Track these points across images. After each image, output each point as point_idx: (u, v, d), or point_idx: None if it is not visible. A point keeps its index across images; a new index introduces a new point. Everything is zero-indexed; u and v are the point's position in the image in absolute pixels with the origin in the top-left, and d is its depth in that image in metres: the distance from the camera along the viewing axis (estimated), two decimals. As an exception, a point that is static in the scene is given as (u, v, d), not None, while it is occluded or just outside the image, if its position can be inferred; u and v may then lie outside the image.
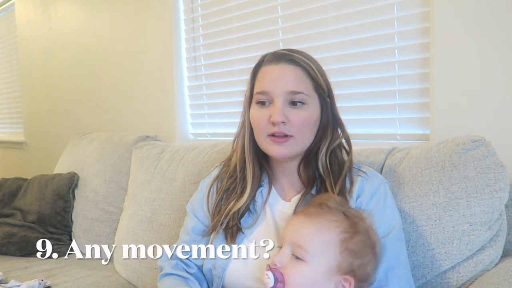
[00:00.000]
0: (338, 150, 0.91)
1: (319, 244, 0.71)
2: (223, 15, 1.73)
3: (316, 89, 0.87)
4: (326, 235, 0.71)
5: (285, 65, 0.86)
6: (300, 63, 0.86)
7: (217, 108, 1.81)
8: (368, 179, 0.88)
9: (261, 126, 0.86)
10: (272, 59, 0.87)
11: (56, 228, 1.77)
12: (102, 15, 2.30)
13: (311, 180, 0.89)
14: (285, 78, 0.84)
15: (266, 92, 0.85)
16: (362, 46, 1.32)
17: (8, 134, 3.54)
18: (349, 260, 0.70)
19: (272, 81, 0.85)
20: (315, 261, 0.70)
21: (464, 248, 0.88)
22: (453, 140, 0.95)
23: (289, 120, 0.84)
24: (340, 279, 0.70)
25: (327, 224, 0.72)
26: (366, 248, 0.72)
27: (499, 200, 0.88)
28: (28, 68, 3.04)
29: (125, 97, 2.18)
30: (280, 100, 0.84)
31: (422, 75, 1.20)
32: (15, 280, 1.37)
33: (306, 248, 0.70)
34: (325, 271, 0.70)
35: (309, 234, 0.72)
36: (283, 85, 0.84)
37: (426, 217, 0.92)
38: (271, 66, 0.87)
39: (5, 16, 3.41)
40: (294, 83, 0.84)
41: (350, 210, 0.76)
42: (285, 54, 0.87)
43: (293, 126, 0.84)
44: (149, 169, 1.54)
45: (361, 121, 1.35)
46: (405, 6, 1.22)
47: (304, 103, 0.85)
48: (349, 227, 0.72)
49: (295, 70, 0.85)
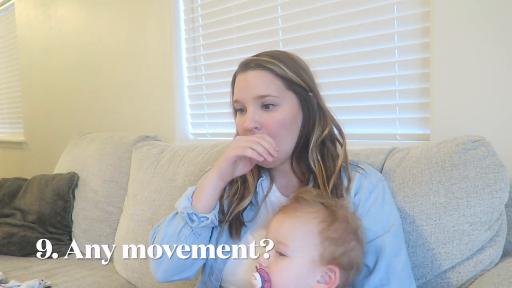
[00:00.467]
0: (329, 143, 0.90)
1: (299, 237, 0.71)
2: (223, 15, 1.73)
3: (290, 88, 0.86)
4: (305, 227, 0.71)
5: (251, 71, 0.87)
6: (267, 66, 0.86)
7: (217, 108, 1.81)
8: (367, 176, 0.88)
9: (241, 132, 0.89)
10: (242, 67, 0.89)
11: (56, 228, 1.77)
12: (102, 15, 2.30)
13: (307, 176, 0.89)
14: (253, 84, 0.86)
15: (237, 100, 0.89)
16: (362, 46, 1.32)
17: (8, 134, 3.54)
18: (330, 249, 0.70)
19: (241, 89, 0.88)
20: (297, 255, 0.70)
21: (464, 248, 0.88)
22: (453, 140, 0.95)
23: (262, 125, 0.85)
24: (325, 270, 0.70)
25: (304, 216, 0.73)
26: (347, 235, 0.72)
27: (499, 200, 0.88)
28: (28, 68, 3.04)
29: (125, 97, 2.18)
30: (251, 107, 0.86)
31: (422, 75, 1.20)
32: (15, 280, 1.37)
33: (286, 244, 0.71)
34: (308, 263, 0.70)
35: (288, 229, 0.72)
36: (250, 91, 0.86)
37: (426, 217, 0.92)
38: (241, 75, 0.89)
39: (5, 16, 3.41)
40: (260, 88, 0.85)
41: (328, 200, 0.76)
42: (252, 60, 0.88)
43: (268, 129, 0.85)
44: (149, 169, 1.54)
45: (361, 121, 1.35)
46: (405, 6, 1.22)
47: (276, 105, 0.85)
48: (327, 216, 0.72)
49: (261, 74, 0.86)
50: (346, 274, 0.72)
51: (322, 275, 0.71)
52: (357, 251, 0.73)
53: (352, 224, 0.73)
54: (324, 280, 0.71)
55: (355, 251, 0.72)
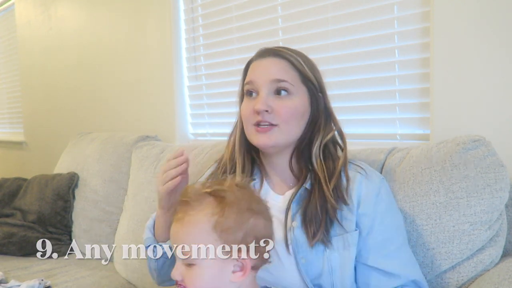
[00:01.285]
0: (331, 145, 0.91)
1: (196, 241, 0.69)
2: (223, 15, 1.73)
3: (304, 82, 0.88)
4: (198, 229, 0.69)
5: (271, 58, 0.89)
6: (286, 56, 0.88)
7: (217, 108, 1.81)
8: (368, 177, 0.88)
9: (247, 117, 0.88)
10: (260, 54, 0.91)
11: (56, 228, 1.77)
12: (102, 15, 2.30)
13: (304, 175, 0.89)
14: (270, 68, 0.87)
15: (251, 81, 0.88)
16: (362, 46, 1.32)
17: (8, 134, 3.54)
18: (231, 238, 0.68)
19: (258, 72, 0.89)
20: (202, 259, 0.69)
21: (464, 247, 0.88)
22: (453, 140, 0.95)
23: (273, 110, 0.85)
24: (233, 259, 0.69)
25: (194, 218, 0.70)
26: (242, 216, 0.69)
27: (500, 200, 0.88)
28: (28, 68, 3.04)
29: (125, 97, 2.18)
30: (264, 90, 0.86)
31: (422, 75, 1.20)
32: (15, 280, 1.37)
33: (190, 253, 0.69)
34: (216, 261, 0.68)
35: (184, 237, 0.70)
36: (267, 74, 0.87)
37: (426, 216, 0.92)
38: (258, 61, 0.90)
39: (5, 16, 3.41)
40: (278, 72, 0.86)
41: (214, 187, 0.72)
42: (272, 49, 0.90)
43: (278, 115, 0.85)
44: (149, 169, 1.54)
45: (361, 121, 1.35)
46: (405, 6, 1.22)
47: (289, 93, 0.86)
48: (216, 206, 0.69)
49: (280, 62, 0.88)
50: (258, 250, 0.70)
51: (235, 264, 0.69)
52: (260, 224, 0.71)
53: (244, 202, 0.71)
54: (238, 268, 0.69)
55: (256, 225, 0.70)
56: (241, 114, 0.91)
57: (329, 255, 0.82)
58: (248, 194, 0.73)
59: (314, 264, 0.83)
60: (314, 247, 0.82)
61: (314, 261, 0.83)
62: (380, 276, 0.83)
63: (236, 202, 0.70)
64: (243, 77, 0.93)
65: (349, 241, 0.83)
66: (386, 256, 0.83)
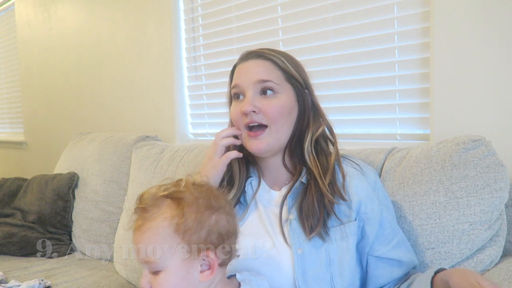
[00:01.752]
0: (322, 140, 0.92)
1: (159, 248, 0.67)
2: (223, 15, 1.73)
3: (289, 80, 0.89)
4: (159, 235, 0.67)
5: (254, 60, 0.90)
6: (268, 56, 0.89)
7: (217, 108, 1.81)
8: (363, 173, 0.89)
9: (236, 120, 0.90)
10: (243, 57, 0.93)
11: (56, 228, 1.77)
12: (102, 15, 2.30)
13: (299, 170, 0.90)
14: (254, 70, 0.88)
15: (237, 85, 0.90)
16: (362, 46, 1.32)
17: (8, 134, 3.54)
18: (194, 239, 0.67)
19: (241, 75, 0.90)
20: (168, 264, 0.67)
21: (464, 247, 0.88)
22: (453, 140, 0.95)
23: (260, 110, 0.86)
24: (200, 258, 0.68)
25: (154, 223, 0.68)
26: (203, 215, 0.68)
27: (499, 200, 0.88)
28: (28, 68, 3.04)
29: (125, 97, 2.18)
30: (250, 91, 0.87)
31: (422, 75, 1.20)
32: (15, 280, 1.37)
33: (152, 260, 0.68)
34: (182, 265, 0.67)
35: (146, 245, 0.68)
36: (251, 76, 0.88)
37: (426, 216, 0.92)
38: (241, 64, 0.92)
39: (5, 16, 3.41)
40: (262, 73, 0.88)
41: (171, 189, 0.71)
42: (254, 51, 0.92)
43: (265, 115, 0.86)
44: (149, 169, 1.54)
45: (361, 121, 1.35)
46: (405, 6, 1.22)
47: (275, 92, 0.87)
48: (175, 209, 0.68)
49: (263, 63, 0.89)
50: (225, 246, 0.69)
51: (202, 264, 0.69)
52: (222, 220, 0.70)
53: (202, 200, 0.69)
54: (206, 267, 0.69)
55: (219, 222, 0.69)
56: (231, 118, 0.93)
57: (327, 247, 0.83)
58: (206, 192, 0.71)
59: (311, 255, 0.83)
60: (311, 239, 0.83)
61: (312, 252, 0.83)
62: (393, 265, 0.86)
63: (195, 201, 0.69)
64: (230, 82, 0.95)
65: (347, 231, 0.84)
66: (396, 246, 0.87)
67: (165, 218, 0.68)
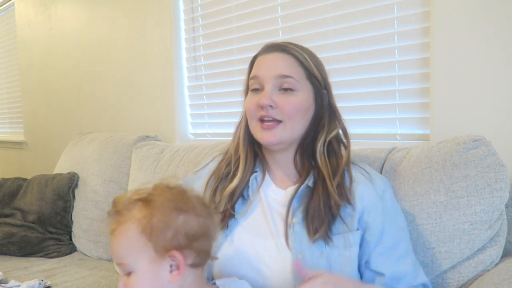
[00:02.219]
0: (335, 142, 0.91)
1: (129, 249, 0.69)
2: (223, 15, 1.73)
3: (309, 79, 0.88)
4: (128, 237, 0.69)
5: (277, 53, 0.88)
6: (292, 52, 0.88)
7: (217, 108, 1.81)
8: (372, 181, 0.87)
9: (251, 111, 0.88)
10: (266, 49, 0.91)
11: (56, 228, 1.77)
12: (102, 15, 2.30)
13: (307, 171, 0.89)
14: (276, 63, 0.87)
15: (256, 76, 0.88)
16: (362, 46, 1.32)
17: (8, 134, 3.54)
18: (160, 240, 0.67)
19: (263, 67, 0.88)
20: (138, 265, 0.69)
21: (464, 247, 0.88)
22: (453, 139, 0.95)
23: (277, 105, 0.85)
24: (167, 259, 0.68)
25: (124, 226, 0.70)
26: (169, 216, 0.68)
27: (500, 200, 0.88)
28: (28, 68, 3.04)
29: (125, 97, 2.18)
30: (269, 85, 0.86)
31: (422, 75, 1.20)
32: (15, 280, 1.37)
33: (125, 263, 0.69)
34: (150, 265, 0.68)
35: (118, 248, 0.70)
36: (272, 69, 0.86)
37: (426, 215, 0.92)
38: (264, 55, 0.90)
39: (5, 16, 3.41)
40: (283, 68, 0.86)
41: (142, 191, 0.72)
42: (278, 44, 0.90)
43: (282, 111, 0.85)
44: (149, 169, 1.54)
45: (361, 121, 1.35)
46: (405, 6, 1.22)
47: (294, 90, 0.86)
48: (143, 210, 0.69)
49: (286, 57, 0.87)
50: (195, 246, 0.69)
51: (171, 264, 0.69)
52: (191, 221, 0.69)
53: (171, 202, 0.70)
54: (175, 267, 0.69)
55: (187, 222, 0.69)
56: (246, 109, 0.91)
57: (329, 253, 0.82)
58: (176, 194, 0.72)
59: (312, 260, 0.82)
60: (315, 243, 0.82)
61: (313, 257, 0.82)
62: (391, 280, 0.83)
63: (164, 203, 0.69)
64: (248, 72, 0.93)
65: (350, 240, 0.83)
66: (397, 258, 0.83)
67: (134, 221, 0.69)
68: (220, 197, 0.91)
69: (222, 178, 0.95)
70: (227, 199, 0.90)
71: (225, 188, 0.92)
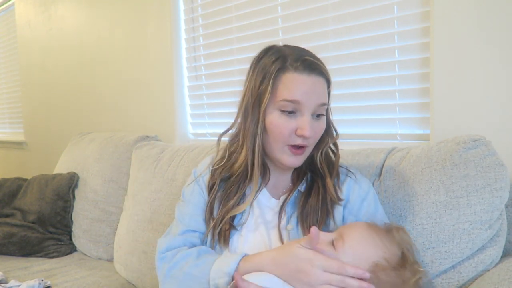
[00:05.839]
0: (329, 151, 0.94)
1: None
2: (223, 15, 1.73)
3: (328, 99, 0.89)
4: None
5: (317, 77, 0.83)
6: (325, 74, 0.85)
7: (217, 108, 1.81)
8: (356, 182, 0.91)
9: (284, 135, 0.82)
10: (304, 68, 0.81)
11: (56, 228, 1.77)
12: (102, 15, 2.30)
13: (300, 179, 0.91)
14: (318, 90, 0.82)
15: (298, 102, 0.80)
16: (362, 46, 1.32)
17: (8, 134, 3.54)
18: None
19: (306, 92, 0.81)
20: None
21: (464, 247, 0.88)
22: (453, 139, 0.95)
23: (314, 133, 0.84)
24: None
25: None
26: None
27: (500, 199, 0.88)
28: (28, 68, 3.04)
29: (125, 97, 2.18)
30: (309, 113, 0.82)
31: (422, 75, 1.20)
32: (15, 280, 1.37)
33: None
34: None
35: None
36: (316, 97, 0.82)
37: (426, 215, 0.92)
38: (303, 76, 0.81)
39: (5, 16, 3.41)
40: (323, 96, 0.84)
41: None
42: (317, 65, 0.83)
43: (314, 138, 0.85)
44: (149, 169, 1.54)
45: (361, 121, 1.35)
46: (405, 6, 1.22)
47: (324, 115, 0.86)
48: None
49: (323, 82, 0.84)
50: None
51: None
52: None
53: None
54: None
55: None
56: (275, 130, 0.83)
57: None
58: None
59: None
60: None
61: None
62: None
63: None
64: (273, 86, 0.82)
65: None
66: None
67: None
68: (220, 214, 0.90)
69: (220, 185, 0.93)
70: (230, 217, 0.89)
71: (228, 205, 0.89)
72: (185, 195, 0.98)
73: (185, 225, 0.92)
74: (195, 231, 0.92)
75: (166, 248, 0.90)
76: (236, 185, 0.90)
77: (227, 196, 0.90)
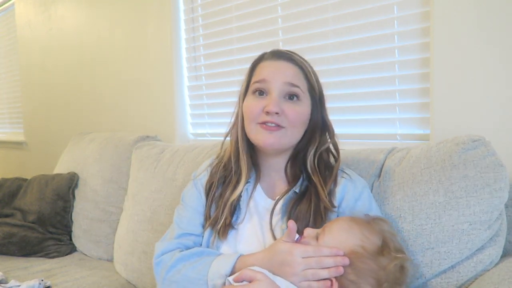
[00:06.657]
0: (325, 154, 0.94)
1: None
2: (223, 15, 1.73)
3: (310, 91, 0.91)
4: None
5: (285, 62, 0.90)
6: (299, 63, 0.90)
7: (217, 108, 1.81)
8: (351, 181, 0.91)
9: (253, 114, 0.88)
10: (272, 56, 0.92)
11: (56, 228, 1.77)
12: (102, 15, 2.30)
13: (296, 180, 0.92)
14: (285, 71, 0.88)
15: (265, 80, 0.88)
16: (362, 46, 1.32)
17: (8, 134, 3.54)
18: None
19: (272, 72, 0.88)
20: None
21: (463, 247, 0.88)
22: (453, 140, 0.95)
23: (283, 112, 0.86)
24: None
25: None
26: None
27: (499, 200, 0.88)
28: (28, 68, 3.04)
29: (125, 97, 2.19)
30: (276, 91, 0.87)
31: (422, 75, 1.20)
32: (15, 280, 1.37)
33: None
34: None
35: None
36: (282, 76, 0.87)
37: (425, 216, 0.92)
38: (271, 61, 0.91)
39: (5, 16, 3.41)
40: (292, 77, 0.88)
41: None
42: (285, 53, 0.91)
43: (286, 118, 0.87)
44: (149, 169, 1.54)
45: (361, 121, 1.35)
46: (405, 6, 1.22)
47: (299, 99, 0.88)
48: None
49: (294, 67, 0.90)
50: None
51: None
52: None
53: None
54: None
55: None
56: (246, 111, 0.90)
57: None
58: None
59: None
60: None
61: None
62: None
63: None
64: (249, 75, 0.93)
65: None
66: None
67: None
68: (221, 203, 0.91)
69: (218, 184, 0.95)
70: (229, 210, 0.90)
71: (225, 196, 0.91)
72: (184, 199, 1.01)
73: (181, 228, 0.95)
74: (191, 234, 0.94)
75: (161, 252, 0.92)
76: (231, 173, 0.94)
77: (226, 185, 0.94)
